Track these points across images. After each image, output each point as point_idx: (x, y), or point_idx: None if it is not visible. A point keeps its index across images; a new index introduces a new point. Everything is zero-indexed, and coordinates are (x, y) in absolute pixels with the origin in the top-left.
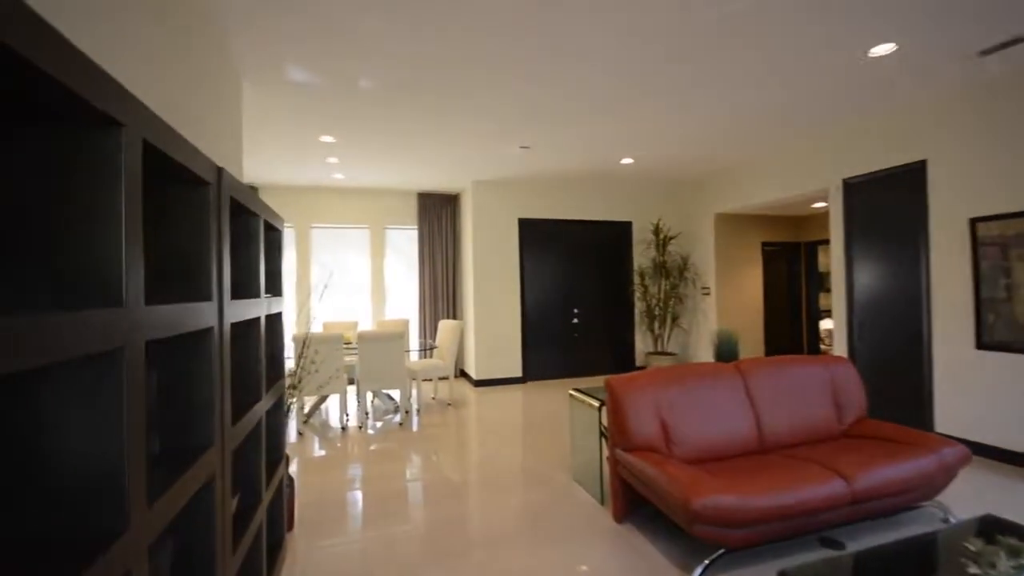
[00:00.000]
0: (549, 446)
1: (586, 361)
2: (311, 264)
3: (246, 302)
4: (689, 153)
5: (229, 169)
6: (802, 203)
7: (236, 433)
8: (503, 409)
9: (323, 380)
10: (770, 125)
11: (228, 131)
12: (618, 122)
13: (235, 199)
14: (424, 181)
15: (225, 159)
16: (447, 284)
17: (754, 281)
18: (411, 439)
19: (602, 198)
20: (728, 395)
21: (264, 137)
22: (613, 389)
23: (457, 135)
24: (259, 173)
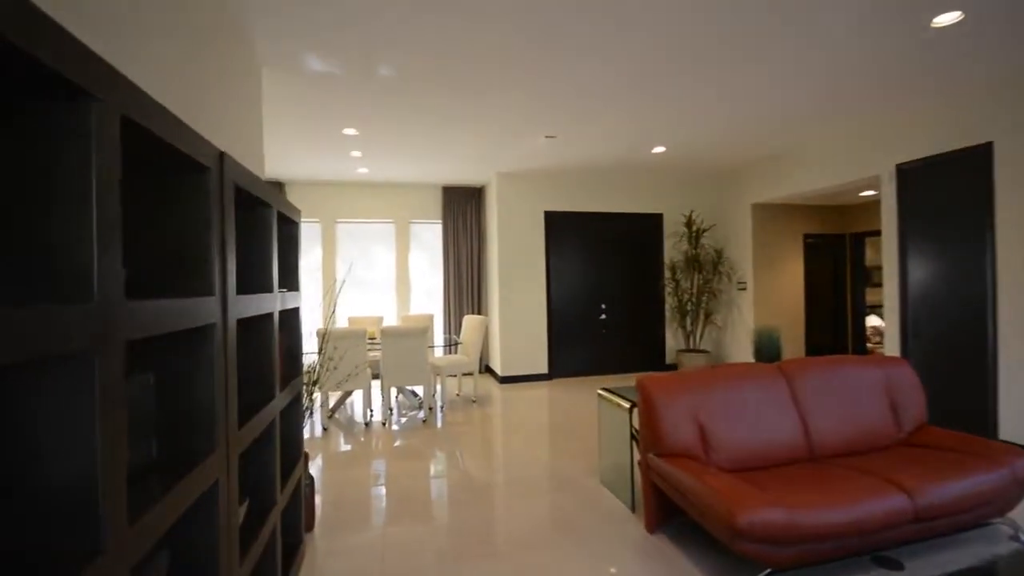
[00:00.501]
0: (575, 447)
1: (614, 358)
2: (336, 259)
3: (256, 297)
4: (726, 139)
5: (249, 160)
6: (849, 192)
7: (244, 435)
8: (528, 407)
9: (346, 376)
10: (816, 107)
11: (248, 120)
12: (652, 107)
13: (242, 188)
14: (448, 174)
15: (245, 149)
16: (472, 279)
17: (794, 275)
18: (435, 436)
19: (631, 189)
20: (771, 399)
21: (288, 131)
22: (646, 390)
23: (481, 126)
24: (285, 169)
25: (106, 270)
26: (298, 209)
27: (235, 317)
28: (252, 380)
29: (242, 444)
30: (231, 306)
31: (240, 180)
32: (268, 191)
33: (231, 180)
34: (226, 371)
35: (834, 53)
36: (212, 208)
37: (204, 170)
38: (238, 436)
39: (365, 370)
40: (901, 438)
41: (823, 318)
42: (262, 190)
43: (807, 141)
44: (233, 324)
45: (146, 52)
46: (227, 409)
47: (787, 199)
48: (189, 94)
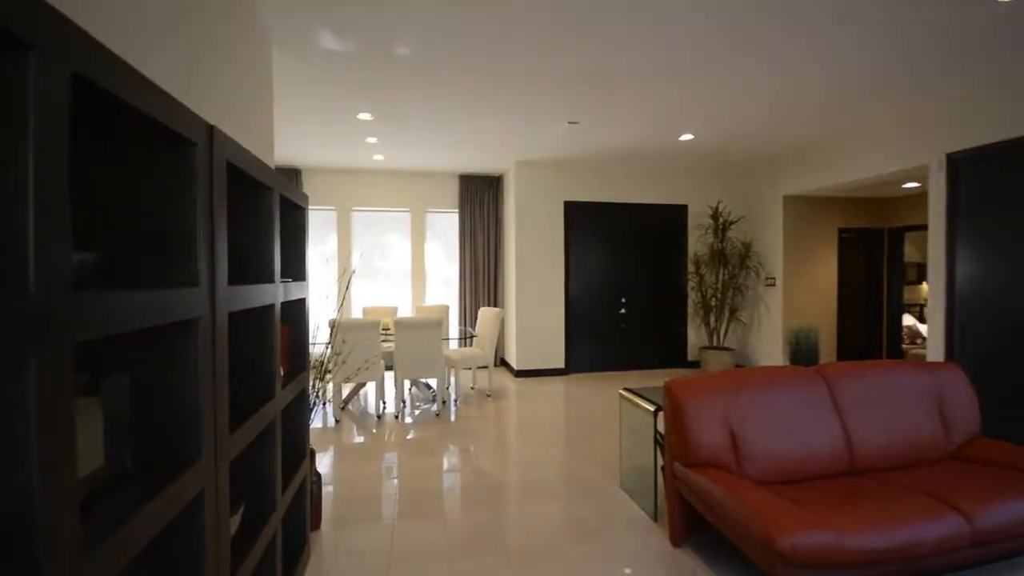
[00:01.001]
0: (594, 447)
1: (633, 354)
2: (352, 247)
3: (254, 288)
4: (759, 126)
5: (258, 142)
6: (891, 183)
7: (237, 440)
8: (544, 402)
9: (358, 367)
10: (860, 90)
11: (255, 100)
12: (682, 90)
13: (237, 167)
14: (465, 162)
15: (252, 130)
16: (488, 270)
17: (827, 271)
18: (447, 431)
19: (655, 179)
20: (810, 405)
21: (302, 115)
22: (674, 394)
23: (500, 111)
24: (300, 155)
25: (48, 259)
26: (305, 194)
27: (227, 310)
28: (249, 378)
29: (234, 450)
30: (221, 298)
31: (235, 158)
32: (269, 172)
33: (223, 158)
34: (214, 370)
35: (884, 27)
36: (199, 188)
37: (190, 145)
38: (229, 441)
39: (378, 362)
40: (951, 451)
41: (857, 318)
42: (261, 171)
43: (847, 128)
44: (224, 318)
45: (136, 23)
46: (215, 412)
47: (822, 191)
48: (187, 68)
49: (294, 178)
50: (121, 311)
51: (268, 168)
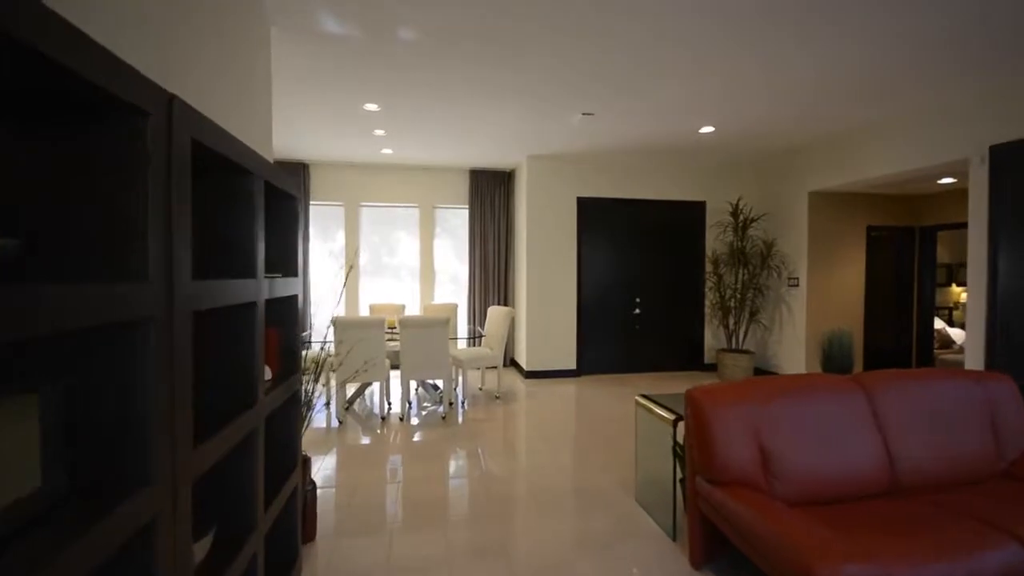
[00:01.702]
0: (607, 456)
1: (648, 356)
2: (360, 243)
3: (227, 283)
4: (784, 118)
5: (254, 132)
6: (925, 178)
7: (206, 454)
8: (555, 405)
9: (357, 368)
10: (892, 79)
11: (252, 85)
12: (703, 80)
13: (206, 146)
14: (476, 157)
15: (248, 118)
16: (499, 268)
17: (854, 272)
18: (454, 435)
19: (672, 175)
20: (848, 417)
21: (307, 105)
22: (697, 403)
23: (511, 102)
24: (308, 149)
25: None
26: (296, 181)
27: (190, 308)
28: (223, 384)
29: (201, 466)
30: (182, 295)
31: (202, 136)
32: (250, 155)
33: (185, 134)
34: (173, 377)
35: (920, 7)
36: (154, 168)
37: (141, 116)
38: (193, 458)
39: (383, 361)
40: (1002, 469)
41: (885, 321)
42: (239, 152)
43: (879, 119)
44: (186, 317)
45: None
46: (174, 425)
47: (850, 187)
48: (162, 44)
49: (301, 172)
50: (43, 307)
51: (249, 150)
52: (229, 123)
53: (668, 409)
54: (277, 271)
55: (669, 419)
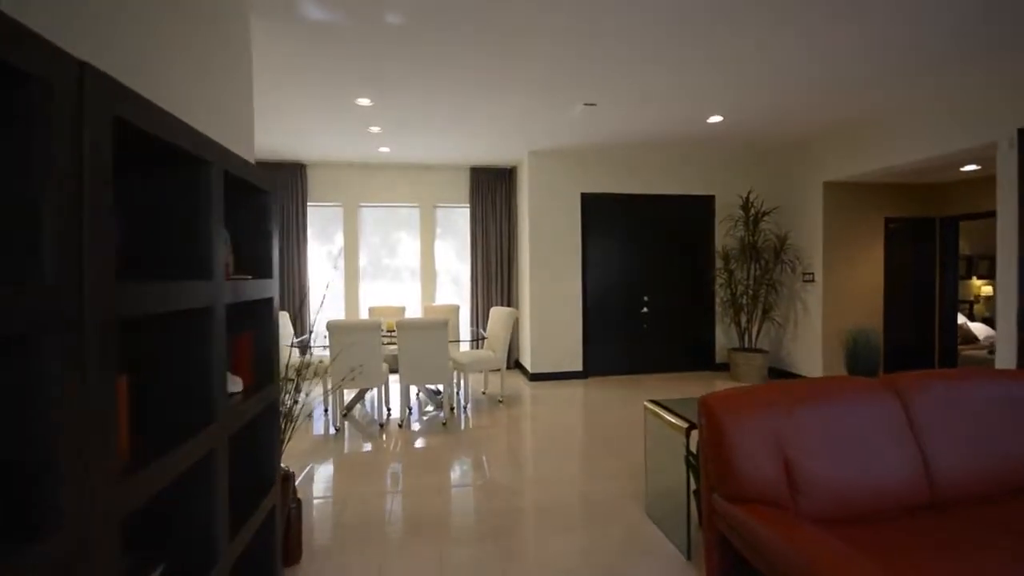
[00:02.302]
0: (615, 464)
1: (657, 356)
2: (359, 245)
3: (170, 286)
4: (797, 104)
5: (234, 130)
6: (947, 166)
7: (141, 485)
8: (561, 410)
9: (349, 373)
10: (914, 60)
11: (229, 79)
12: (711, 63)
13: (132, 125)
14: (476, 154)
15: (226, 115)
16: (502, 267)
17: (872, 266)
18: (454, 442)
19: (679, 168)
20: (879, 424)
21: (297, 102)
22: (712, 412)
23: (510, 93)
24: (304, 149)
25: None
26: (269, 175)
27: (112, 315)
28: (177, 400)
29: (134, 499)
30: (95, 297)
31: (132, 115)
32: (204, 143)
33: (106, 112)
34: (88, 396)
35: None
36: (55, 146)
37: (39, 87)
38: (122, 491)
39: (379, 366)
40: None
41: (905, 317)
42: (189, 138)
43: (898, 103)
44: (104, 326)
45: None
46: (82, 456)
47: (867, 176)
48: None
49: (298, 173)
50: None
51: (205, 139)
52: (205, 119)
53: (680, 416)
54: (248, 272)
55: (681, 427)
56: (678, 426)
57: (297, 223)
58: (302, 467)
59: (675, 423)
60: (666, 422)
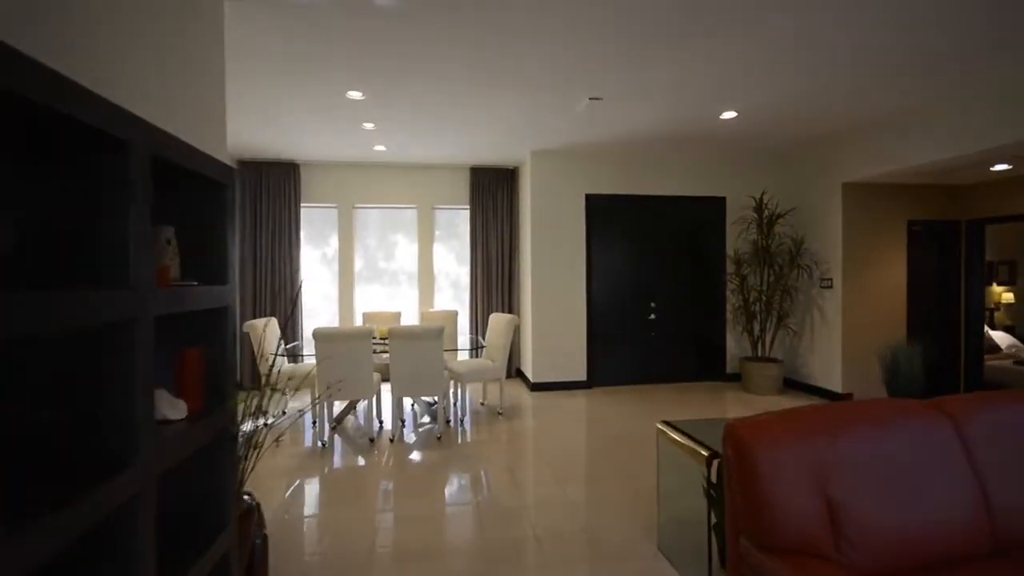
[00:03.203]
0: (623, 488)
1: (665, 365)
2: (355, 248)
3: (60, 296)
4: (816, 98)
5: (203, 124)
6: (978, 164)
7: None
8: (562, 424)
9: (340, 384)
10: (946, 47)
11: (196, 60)
12: (727, 52)
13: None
14: (476, 154)
15: (195, 106)
16: (502, 272)
17: (894, 271)
18: (448, 460)
19: (688, 168)
20: (933, 456)
21: (283, 95)
22: (741, 441)
23: (510, 86)
24: (296, 147)
25: None
26: (225, 164)
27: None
28: (77, 438)
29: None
30: None
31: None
32: (120, 117)
33: None
34: None
35: None
36: None
37: None
38: None
39: (369, 376)
40: None
41: (930, 325)
42: (98, 111)
43: (923, 98)
44: None
45: None
46: None
47: (889, 177)
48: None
49: (291, 173)
50: None
51: (119, 111)
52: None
53: (698, 442)
54: (197, 277)
55: (702, 455)
56: (699, 453)
57: (290, 225)
58: (281, 487)
59: (694, 450)
60: (683, 447)
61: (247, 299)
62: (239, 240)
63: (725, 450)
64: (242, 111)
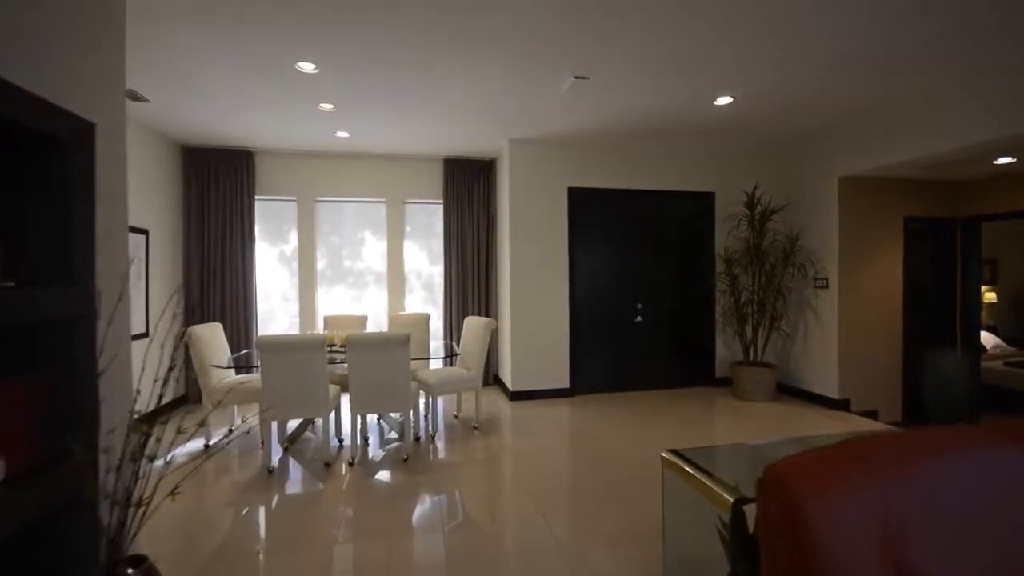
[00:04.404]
0: (617, 518)
1: (651, 370)
2: (316, 245)
3: None
4: (817, 83)
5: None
6: (981, 157)
7: None
8: (545, 438)
9: (283, 401)
10: (957, 29)
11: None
12: (729, 25)
13: None
14: (450, 142)
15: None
16: (479, 271)
17: (890, 271)
18: (413, 487)
19: (677, 161)
20: (1014, 497)
21: (225, 67)
22: (789, 493)
23: (488, 56)
24: (248, 131)
25: None
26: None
27: None
28: None
29: None
30: None
31: None
32: None
33: None
34: None
35: None
36: None
37: None
38: None
39: (324, 391)
40: None
41: (926, 328)
42: None
43: (928, 86)
44: None
45: None
46: None
47: (887, 170)
48: None
49: (244, 161)
50: None
51: None
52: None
53: (720, 482)
54: (25, 275)
55: (726, 501)
56: (723, 498)
57: (243, 219)
58: (208, 530)
59: (716, 493)
60: (698, 485)
61: (194, 302)
62: (185, 236)
63: (765, 502)
64: (178, 86)
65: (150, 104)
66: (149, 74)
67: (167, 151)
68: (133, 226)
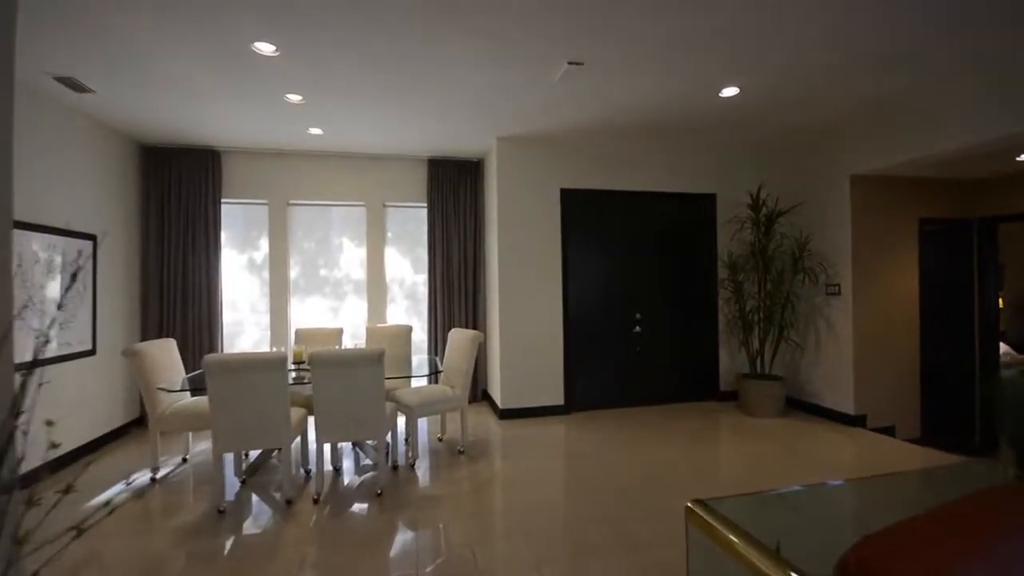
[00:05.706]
0: (630, 568)
1: (652, 385)
2: (289, 252)
3: None
4: (831, 70)
5: None
6: (1005, 152)
7: None
8: (539, 464)
9: (236, 431)
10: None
11: None
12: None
13: None
14: (434, 141)
15: None
16: (466, 279)
17: (906, 276)
18: (386, 528)
19: (675, 160)
20: None
21: (177, 51)
22: None
23: (473, 33)
24: (213, 128)
25: None
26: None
27: None
28: None
29: None
30: None
31: None
32: None
33: None
34: None
35: None
36: None
37: None
38: None
39: (285, 416)
40: None
41: (944, 336)
42: None
43: (947, 78)
44: None
45: None
46: None
47: (903, 168)
48: None
49: (209, 161)
50: None
51: None
52: None
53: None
54: None
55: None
56: None
57: (207, 224)
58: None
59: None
60: (739, 554)
61: (151, 315)
62: (142, 242)
63: None
64: (126, 74)
65: (96, 95)
66: (93, 62)
67: (121, 149)
68: (77, 231)
